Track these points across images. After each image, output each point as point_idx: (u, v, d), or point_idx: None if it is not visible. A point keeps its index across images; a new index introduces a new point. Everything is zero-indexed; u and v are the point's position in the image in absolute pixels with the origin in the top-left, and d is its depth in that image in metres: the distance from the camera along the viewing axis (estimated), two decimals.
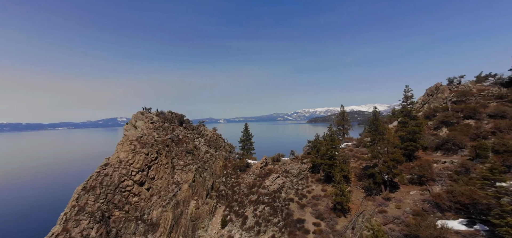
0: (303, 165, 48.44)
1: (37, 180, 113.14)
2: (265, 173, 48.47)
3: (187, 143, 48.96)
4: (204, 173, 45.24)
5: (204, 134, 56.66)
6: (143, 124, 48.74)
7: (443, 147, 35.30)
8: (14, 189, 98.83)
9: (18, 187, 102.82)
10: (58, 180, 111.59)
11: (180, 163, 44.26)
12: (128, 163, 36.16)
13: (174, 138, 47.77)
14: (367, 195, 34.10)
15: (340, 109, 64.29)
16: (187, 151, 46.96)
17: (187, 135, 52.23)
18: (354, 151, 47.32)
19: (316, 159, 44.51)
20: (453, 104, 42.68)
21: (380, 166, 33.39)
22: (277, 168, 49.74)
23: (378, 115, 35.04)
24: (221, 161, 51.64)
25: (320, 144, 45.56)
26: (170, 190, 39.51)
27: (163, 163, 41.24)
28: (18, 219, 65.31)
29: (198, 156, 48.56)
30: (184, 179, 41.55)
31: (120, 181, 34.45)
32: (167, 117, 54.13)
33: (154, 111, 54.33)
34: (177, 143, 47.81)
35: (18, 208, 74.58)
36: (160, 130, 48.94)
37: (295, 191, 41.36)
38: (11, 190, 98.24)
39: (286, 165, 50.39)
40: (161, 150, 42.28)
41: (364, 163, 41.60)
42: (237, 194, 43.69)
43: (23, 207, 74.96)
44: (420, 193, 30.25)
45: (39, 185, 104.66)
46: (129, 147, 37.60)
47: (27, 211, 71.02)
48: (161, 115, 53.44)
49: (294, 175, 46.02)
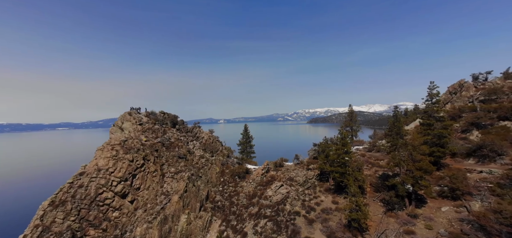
0: (309, 172, 43.28)
1: (34, 181, 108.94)
2: (266, 180, 43.32)
3: (179, 147, 43.84)
4: (198, 181, 40.11)
5: (200, 137, 51.54)
6: (130, 125, 43.66)
7: (477, 153, 30.16)
8: (12, 190, 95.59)
9: (16, 187, 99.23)
10: (54, 181, 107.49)
11: (171, 170, 39.14)
12: (108, 172, 31.06)
13: (165, 141, 42.67)
14: (388, 210, 28.93)
15: (347, 109, 59.14)
16: (180, 156, 41.86)
17: (180, 137, 47.11)
18: (366, 156, 42.19)
19: (325, 166, 39.36)
20: (481, 103, 37.58)
21: (403, 175, 28.24)
22: (280, 175, 44.60)
23: (400, 117, 29.94)
24: (218, 166, 46.51)
25: (329, 148, 40.41)
26: (158, 202, 34.37)
27: (150, 170, 36.13)
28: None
29: (192, 162, 43.42)
30: (175, 188, 36.41)
31: (97, 193, 29.35)
32: (158, 118, 49.03)
33: (143, 112, 49.23)
34: (168, 147, 42.69)
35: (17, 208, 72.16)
36: (150, 132, 43.83)
37: (302, 203, 36.22)
38: (10, 190, 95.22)
39: (290, 171, 45.25)
40: (149, 156, 37.18)
41: (380, 171, 36.45)
42: (235, 205, 38.54)
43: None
44: (455, 210, 25.10)
45: (36, 186, 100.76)
46: (110, 153, 32.50)
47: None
48: (151, 116, 48.35)
49: (299, 183, 40.87)
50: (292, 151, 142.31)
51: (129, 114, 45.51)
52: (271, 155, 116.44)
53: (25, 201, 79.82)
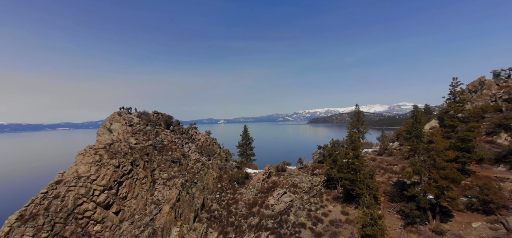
0: (315, 178, 39.66)
1: (29, 182, 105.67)
2: (268, 186, 39.72)
3: (173, 150, 40.24)
4: (192, 187, 36.52)
5: (196, 139, 47.93)
6: (119, 126, 40.08)
7: (508, 159, 26.58)
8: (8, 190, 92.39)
9: (11, 188, 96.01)
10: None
11: (162, 176, 35.54)
12: (89, 179, 27.46)
13: (157, 144, 39.07)
14: (408, 224, 25.31)
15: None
16: (173, 160, 38.26)
17: (174, 140, 43.52)
18: (377, 160, 38.59)
19: (332, 171, 35.76)
20: (505, 102, 34.03)
21: (425, 185, 24.63)
22: (282, 181, 40.99)
23: (420, 117, 26.32)
24: (215, 171, 42.90)
25: (337, 151, 36.79)
26: (147, 212, 30.78)
27: (139, 177, 32.52)
28: None
29: (186, 166, 39.83)
30: (166, 197, 32.83)
31: (76, 205, 25.76)
32: (151, 118, 45.45)
33: (135, 112, 45.64)
34: (161, 150, 39.09)
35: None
36: (140, 134, 40.25)
37: (307, 213, 32.62)
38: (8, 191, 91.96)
39: (294, 177, 41.62)
40: (138, 160, 33.58)
41: (394, 177, 32.85)
42: (233, 215, 34.91)
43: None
44: (489, 226, 21.53)
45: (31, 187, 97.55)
46: (92, 158, 28.91)
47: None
48: (143, 116, 44.76)
49: (304, 191, 37.25)
50: (294, 152, 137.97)
51: (119, 114, 41.93)
52: (272, 157, 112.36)
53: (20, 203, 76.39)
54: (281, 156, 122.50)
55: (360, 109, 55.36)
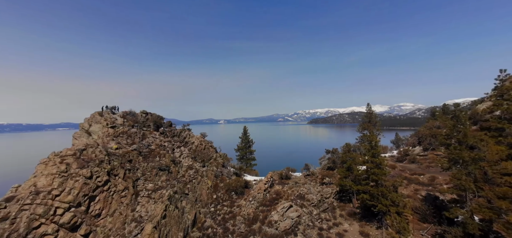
0: (325, 188, 34.34)
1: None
2: (271, 198, 34.43)
3: (161, 156, 34.94)
4: (182, 200, 31.22)
5: (189, 142, 42.60)
6: (100, 128, 34.76)
7: None
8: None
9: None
10: None
11: (147, 186, 30.22)
12: (50, 195, 22.16)
13: (142, 148, 33.76)
14: None
15: (365, 108, 49.93)
16: (161, 167, 32.96)
17: (163, 143, 38.20)
18: (397, 168, 33.34)
19: (346, 181, 30.45)
20: None
21: (474, 205, 19.31)
22: (287, 191, 35.69)
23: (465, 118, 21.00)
24: (210, 180, 37.60)
25: (352, 158, 31.46)
26: (126, 233, 25.45)
27: (118, 189, 27.19)
28: None
29: (176, 175, 34.52)
30: (150, 212, 27.53)
31: (30, 228, 20.48)
32: (138, 119, 40.13)
33: (120, 112, 40.32)
34: (147, 155, 33.78)
35: None
36: (124, 137, 34.94)
37: (318, 233, 27.32)
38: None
39: (300, 186, 36.31)
40: (117, 169, 28.25)
41: (421, 190, 27.52)
42: (230, 233, 29.59)
43: None
44: None
45: None
46: (57, 168, 23.60)
47: None
48: (129, 116, 39.44)
49: (313, 204, 31.92)
50: (296, 154, 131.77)
51: (100, 114, 36.61)
52: (273, 161, 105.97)
53: None
54: (283, 159, 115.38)
55: (361, 110, 49.84)
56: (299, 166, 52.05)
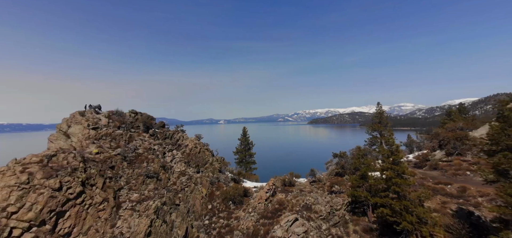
0: (334, 198, 30.35)
1: None
2: (273, 209, 30.45)
3: (150, 161, 30.97)
4: (173, 212, 27.27)
5: (182, 145, 38.61)
6: (80, 130, 30.78)
7: None
8: None
9: None
10: None
11: (131, 197, 26.23)
12: (5, 212, 18.19)
13: (128, 152, 29.78)
14: None
15: (376, 108, 45.91)
16: (148, 174, 28.99)
17: (153, 146, 34.24)
18: (418, 176, 29.34)
19: (361, 192, 26.45)
20: None
21: None
22: (291, 200, 31.71)
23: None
24: (205, 187, 33.62)
25: (366, 164, 27.40)
26: None
27: (95, 201, 23.21)
28: None
29: (166, 182, 30.54)
30: (134, 228, 23.57)
31: None
32: (125, 120, 36.16)
33: (105, 112, 36.34)
34: (132, 161, 29.80)
35: None
36: (107, 139, 30.95)
37: None
38: None
39: (306, 195, 32.33)
40: (95, 178, 24.27)
41: (450, 203, 23.51)
42: None
43: None
44: None
45: None
46: (16, 178, 19.63)
47: None
48: (115, 116, 35.47)
49: (322, 217, 27.92)
50: (298, 156, 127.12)
51: (81, 114, 32.62)
52: (274, 163, 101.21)
53: None
54: (285, 161, 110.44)
55: (361, 111, 46.16)
56: (302, 170, 48.05)
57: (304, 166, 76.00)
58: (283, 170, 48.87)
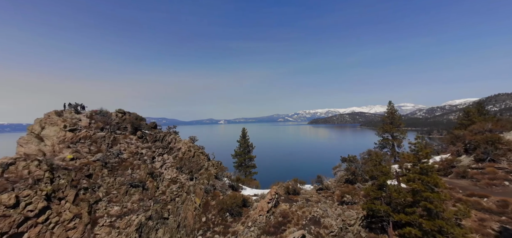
0: (346, 210, 26.46)
1: None
2: (276, 222, 26.57)
3: (135, 167, 27.13)
4: (159, 228, 23.45)
5: (174, 148, 34.75)
6: (56, 132, 26.93)
7: None
8: None
9: None
10: None
11: (111, 210, 22.40)
12: None
13: (109, 158, 25.93)
14: None
15: (387, 107, 42.10)
16: (132, 183, 25.15)
17: (140, 150, 30.40)
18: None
19: (378, 205, 22.55)
20: None
21: None
22: (297, 212, 27.83)
23: None
24: (199, 197, 29.74)
25: (384, 173, 23.45)
26: None
27: (63, 218, 19.37)
28: None
29: (154, 192, 26.69)
30: None
31: None
32: (110, 120, 32.29)
33: (86, 111, 32.49)
34: (115, 167, 25.95)
35: None
36: (87, 142, 27.11)
37: None
38: None
39: (313, 206, 28.45)
40: (64, 189, 20.44)
41: (490, 220, 19.60)
42: None
43: None
44: None
45: None
46: None
47: None
48: (98, 116, 31.61)
49: (333, 233, 24.02)
50: (302, 159, 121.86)
51: (58, 114, 28.75)
52: (276, 167, 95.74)
53: None
54: (287, 164, 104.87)
55: (361, 111, 42.57)
56: (305, 174, 44.27)
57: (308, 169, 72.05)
58: (285, 173, 45.14)
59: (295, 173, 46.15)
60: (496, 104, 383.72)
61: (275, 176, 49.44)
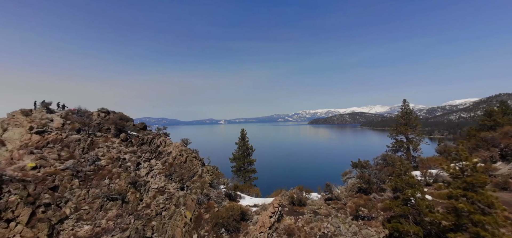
0: (362, 226, 22.39)
1: None
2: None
3: (114, 176, 23.04)
4: None
5: (163, 152, 30.63)
6: (20, 134, 22.82)
7: None
8: None
9: None
10: None
11: (79, 232, 18.32)
12: None
13: (82, 166, 21.83)
14: None
15: (401, 106, 37.89)
16: (109, 196, 21.06)
17: (123, 156, 26.32)
18: None
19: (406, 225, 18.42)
20: None
21: None
22: (304, 227, 23.73)
23: None
24: (190, 209, 25.64)
25: (412, 184, 19.25)
26: None
27: None
28: None
29: (136, 205, 22.60)
30: None
31: None
32: (89, 121, 28.17)
33: (61, 111, 28.35)
34: (89, 177, 21.85)
35: None
36: (57, 147, 23.00)
37: None
38: None
39: (322, 221, 24.34)
40: (15, 207, 16.36)
41: None
42: None
43: None
44: None
45: None
46: None
47: None
48: (75, 117, 27.50)
49: None
50: (305, 162, 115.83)
51: (25, 114, 24.65)
52: (278, 170, 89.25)
53: None
54: (289, 167, 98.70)
55: (361, 111, 38.45)
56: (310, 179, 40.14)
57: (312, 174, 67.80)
58: (288, 178, 41.04)
59: (298, 178, 42.15)
60: (497, 105, 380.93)
61: (277, 181, 45.41)
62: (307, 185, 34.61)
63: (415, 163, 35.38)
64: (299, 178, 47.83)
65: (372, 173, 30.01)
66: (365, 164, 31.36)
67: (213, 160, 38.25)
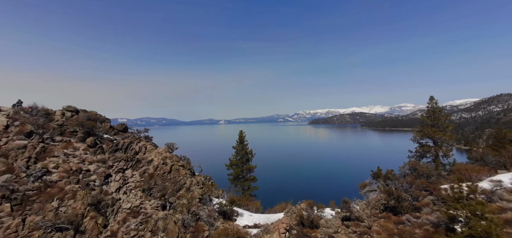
0: None
1: None
2: None
3: (68, 196, 17.26)
4: None
5: (143, 160, 24.83)
6: None
7: None
8: None
9: None
10: None
11: None
12: None
13: (20, 184, 16.02)
14: None
15: (427, 104, 32.13)
16: (57, 224, 15.27)
17: (86, 167, 20.53)
18: None
19: None
20: None
21: None
22: None
23: None
24: (171, 236, 19.84)
25: (488, 219, 13.54)
26: None
27: None
28: None
29: (96, 234, 16.79)
30: None
31: None
32: (46, 122, 22.38)
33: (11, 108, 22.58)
34: (28, 200, 16.06)
35: None
36: None
37: None
38: None
39: None
40: None
41: None
42: None
43: None
44: None
45: None
46: None
47: None
48: (27, 116, 21.72)
49: None
50: (309, 165, 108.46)
51: None
52: (280, 175, 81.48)
53: None
54: (293, 173, 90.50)
55: (362, 111, 32.64)
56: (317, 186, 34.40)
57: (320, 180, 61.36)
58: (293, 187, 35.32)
59: (305, 187, 36.25)
60: (498, 105, 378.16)
61: (280, 186, 39.74)
62: (314, 192, 29.05)
63: (446, 171, 29.64)
64: (305, 186, 41.79)
65: (398, 186, 24.24)
66: (390, 175, 25.61)
67: (210, 164, 32.66)
